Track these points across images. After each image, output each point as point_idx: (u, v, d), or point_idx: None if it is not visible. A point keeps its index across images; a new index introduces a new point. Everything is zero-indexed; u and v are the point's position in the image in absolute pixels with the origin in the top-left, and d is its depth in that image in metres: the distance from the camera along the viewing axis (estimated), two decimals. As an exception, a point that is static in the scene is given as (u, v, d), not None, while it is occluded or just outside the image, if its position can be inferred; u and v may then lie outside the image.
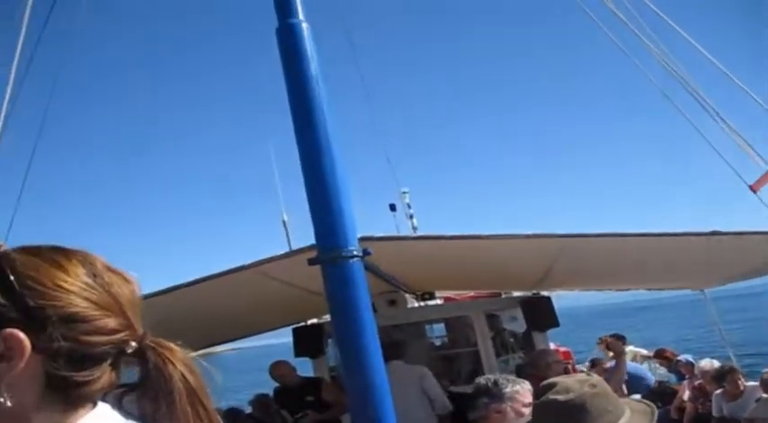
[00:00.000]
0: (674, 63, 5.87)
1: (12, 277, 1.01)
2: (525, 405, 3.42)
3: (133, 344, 1.11)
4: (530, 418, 2.32)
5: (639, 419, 2.12)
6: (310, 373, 9.01)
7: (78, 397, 1.07)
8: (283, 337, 10.22)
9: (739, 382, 7.68)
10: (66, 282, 1.04)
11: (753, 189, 5.18)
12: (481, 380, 3.85)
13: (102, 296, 1.07)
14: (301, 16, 3.46)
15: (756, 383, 7.60)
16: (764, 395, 7.11)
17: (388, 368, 6.53)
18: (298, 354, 9.17)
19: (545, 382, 2.24)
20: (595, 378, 2.23)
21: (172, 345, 1.16)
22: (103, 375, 1.08)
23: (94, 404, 1.10)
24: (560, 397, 2.08)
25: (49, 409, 1.04)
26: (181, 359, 1.15)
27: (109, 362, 1.09)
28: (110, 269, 1.13)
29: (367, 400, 3.42)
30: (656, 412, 2.27)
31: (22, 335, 0.98)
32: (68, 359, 1.02)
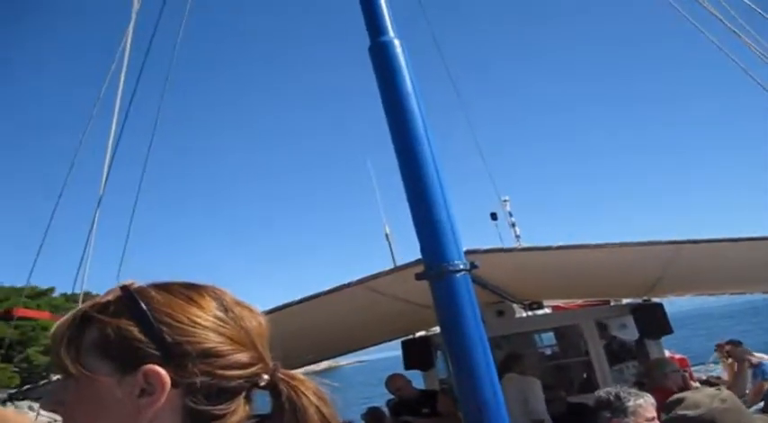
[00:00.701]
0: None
1: (150, 314, 1.06)
2: (648, 420, 3.35)
3: (266, 377, 1.14)
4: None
5: None
6: (421, 386, 9.03)
7: None
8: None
9: None
10: (200, 317, 1.09)
11: None
12: (602, 393, 3.79)
13: (235, 330, 1.11)
14: (392, 33, 3.50)
15: None
16: None
17: (504, 381, 6.52)
18: (408, 366, 9.21)
19: (673, 398, 2.20)
20: (726, 393, 2.18)
21: (303, 376, 1.18)
22: (238, 408, 1.11)
23: None
24: (690, 412, 2.04)
25: None
26: (313, 391, 1.17)
27: (243, 395, 1.12)
28: (238, 303, 1.17)
29: (481, 413, 3.41)
30: None
31: (162, 371, 1.02)
32: (206, 394, 1.06)
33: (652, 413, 3.42)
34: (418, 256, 3.54)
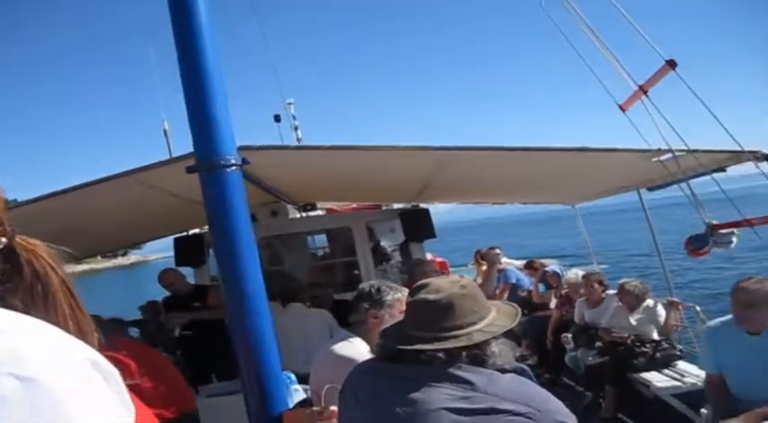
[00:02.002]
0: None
1: None
2: (402, 312, 3.55)
3: (3, 240, 1.12)
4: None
5: (504, 319, 2.29)
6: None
7: None
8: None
9: (600, 289, 8.15)
10: None
11: (622, 108, 5.36)
12: (365, 286, 3.93)
13: None
14: None
15: (614, 291, 8.11)
16: (620, 303, 7.58)
17: (289, 309, 6.65)
18: (179, 263, 9.15)
19: (418, 283, 2.36)
20: (466, 280, 2.35)
21: (38, 241, 1.18)
22: None
23: None
24: (430, 296, 2.21)
25: None
26: (48, 254, 1.18)
27: None
28: None
29: (244, 305, 3.51)
30: (520, 313, 2.46)
31: None
32: None
33: None
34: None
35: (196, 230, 9.64)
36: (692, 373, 6.64)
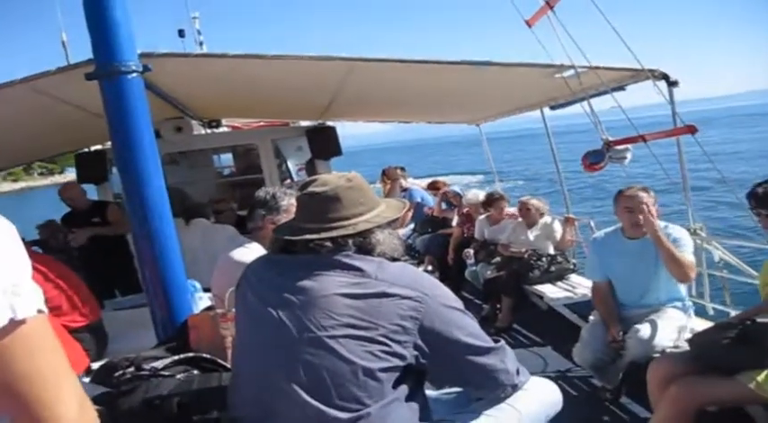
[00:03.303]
0: None
1: None
2: (297, 215, 3.59)
3: None
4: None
5: (390, 211, 2.40)
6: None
7: None
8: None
9: (503, 208, 8.44)
10: None
11: (528, 24, 5.43)
12: (261, 193, 4.01)
13: None
14: None
15: (514, 209, 8.42)
16: (519, 219, 7.89)
17: (192, 226, 6.62)
18: (81, 180, 8.96)
19: (308, 179, 2.44)
20: (353, 174, 2.44)
21: None
22: None
23: None
24: (318, 188, 2.30)
25: None
26: None
27: None
28: None
29: (147, 219, 3.54)
30: (407, 206, 2.58)
31: None
32: None
33: None
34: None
35: (98, 147, 9.42)
36: (584, 285, 6.96)
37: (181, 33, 13.62)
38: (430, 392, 2.48)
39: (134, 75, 3.38)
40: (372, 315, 2.07)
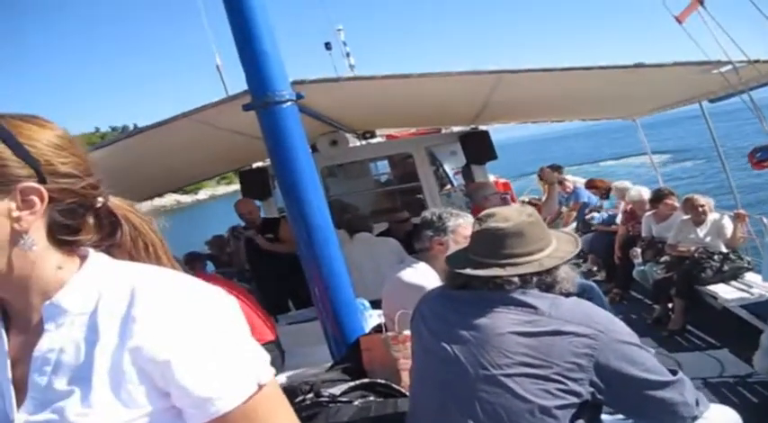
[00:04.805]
0: None
1: (14, 137, 1.12)
2: (466, 237, 3.57)
3: (101, 200, 1.26)
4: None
5: (567, 245, 2.36)
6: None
7: (75, 243, 1.23)
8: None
9: (674, 204, 8.08)
10: (56, 141, 1.17)
11: (678, 20, 5.21)
12: (427, 214, 3.98)
13: (80, 157, 1.22)
14: None
15: (679, 205, 8.03)
16: (685, 216, 7.51)
17: (356, 240, 6.75)
18: (245, 196, 9.29)
19: (485, 212, 2.43)
20: (530, 208, 2.43)
21: (129, 202, 1.35)
22: (87, 225, 1.24)
23: (86, 252, 1.26)
24: (501, 224, 2.28)
25: (55, 253, 1.19)
26: (134, 209, 1.34)
27: (90, 214, 1.25)
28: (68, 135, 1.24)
29: (311, 238, 3.63)
30: (579, 240, 2.52)
31: (40, 186, 1.12)
32: (68, 210, 1.18)
33: (470, 231, 3.68)
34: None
35: (259, 164, 9.76)
36: (761, 285, 6.55)
37: (327, 46, 13.96)
38: (605, 417, 2.40)
39: (288, 103, 3.46)
40: (547, 353, 2.05)
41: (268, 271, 7.64)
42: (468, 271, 2.30)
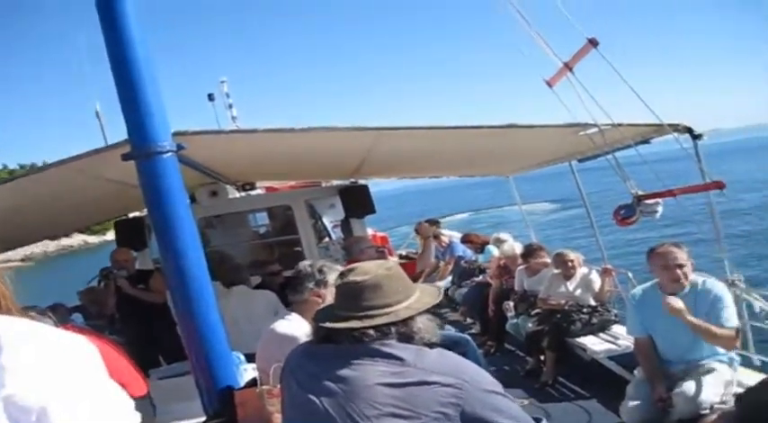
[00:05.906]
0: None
1: None
2: (341, 292, 3.62)
3: None
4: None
5: (427, 298, 2.43)
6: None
7: None
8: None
9: (545, 260, 8.38)
10: None
11: (549, 84, 5.47)
12: (306, 266, 4.02)
13: None
14: None
15: (549, 260, 8.34)
16: (556, 270, 7.82)
17: (233, 293, 6.65)
18: (120, 246, 9.08)
19: (347, 267, 2.48)
20: (390, 263, 2.50)
21: None
22: None
23: None
24: (359, 277, 2.34)
25: None
26: None
27: None
28: None
29: (186, 289, 3.57)
30: (442, 293, 2.61)
31: None
32: None
33: None
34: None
35: (136, 213, 9.57)
36: (627, 336, 6.85)
37: (210, 97, 14.01)
38: None
39: (169, 154, 3.44)
40: (414, 404, 2.08)
41: (131, 317, 7.52)
42: (328, 324, 2.33)
